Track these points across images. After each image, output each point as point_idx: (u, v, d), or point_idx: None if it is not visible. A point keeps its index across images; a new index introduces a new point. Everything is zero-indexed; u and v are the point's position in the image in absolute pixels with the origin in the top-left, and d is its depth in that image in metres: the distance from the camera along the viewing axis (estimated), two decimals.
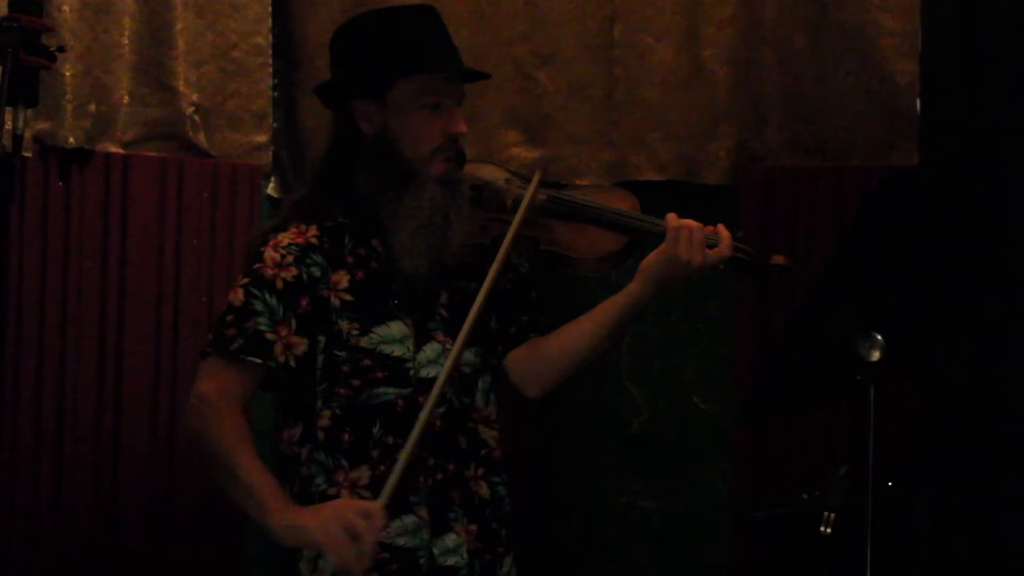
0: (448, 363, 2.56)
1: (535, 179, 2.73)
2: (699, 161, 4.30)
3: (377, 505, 2.48)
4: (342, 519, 2.46)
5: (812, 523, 3.21)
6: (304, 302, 2.66)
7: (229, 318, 2.65)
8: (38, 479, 3.91)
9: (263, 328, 2.63)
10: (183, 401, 4.08)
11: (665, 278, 2.72)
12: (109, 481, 4.03)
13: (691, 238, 2.68)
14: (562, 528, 4.47)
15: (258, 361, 2.63)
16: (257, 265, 2.68)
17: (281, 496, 2.58)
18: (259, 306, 2.64)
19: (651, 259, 2.72)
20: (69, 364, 3.98)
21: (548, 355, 2.86)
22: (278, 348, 2.63)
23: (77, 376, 4.00)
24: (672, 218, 2.71)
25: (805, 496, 3.36)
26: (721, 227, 2.74)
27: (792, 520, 3.49)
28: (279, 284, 2.65)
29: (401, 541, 2.66)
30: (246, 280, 2.68)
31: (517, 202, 2.72)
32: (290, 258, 2.68)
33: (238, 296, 2.66)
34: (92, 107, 4.03)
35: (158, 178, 4.16)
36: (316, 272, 2.68)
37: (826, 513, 3.16)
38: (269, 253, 2.68)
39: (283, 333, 2.65)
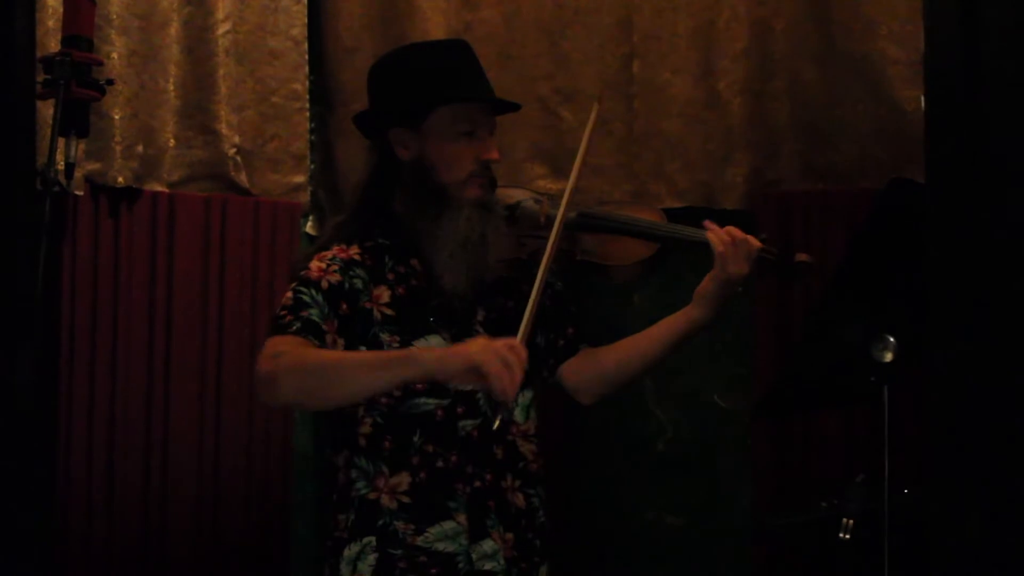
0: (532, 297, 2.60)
1: (594, 112, 2.82)
2: (716, 188, 4.34)
3: (518, 340, 2.49)
4: (494, 345, 2.44)
5: (832, 531, 3.24)
6: (344, 306, 2.70)
7: (283, 312, 2.66)
8: (91, 513, 4.00)
9: (316, 319, 2.65)
10: (228, 432, 4.17)
11: (723, 298, 2.80)
12: (157, 516, 4.11)
13: (736, 255, 2.75)
14: (595, 543, 4.52)
15: (316, 342, 2.63)
16: (303, 272, 2.73)
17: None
18: (308, 299, 2.66)
19: (706, 285, 2.80)
20: (119, 394, 4.06)
21: (604, 368, 2.95)
22: (328, 339, 2.66)
23: (126, 406, 4.06)
24: (715, 240, 2.77)
25: (824, 504, 3.38)
26: (750, 238, 2.80)
27: (813, 528, 3.51)
28: (324, 284, 2.69)
29: (440, 546, 2.71)
30: (293, 284, 2.71)
31: (550, 219, 2.79)
32: (335, 267, 2.73)
33: (288, 296, 2.69)
34: (140, 149, 4.13)
35: (202, 216, 4.26)
36: (359, 284, 2.73)
37: (844, 520, 3.18)
38: (315, 263, 2.74)
39: (329, 328, 2.67)
